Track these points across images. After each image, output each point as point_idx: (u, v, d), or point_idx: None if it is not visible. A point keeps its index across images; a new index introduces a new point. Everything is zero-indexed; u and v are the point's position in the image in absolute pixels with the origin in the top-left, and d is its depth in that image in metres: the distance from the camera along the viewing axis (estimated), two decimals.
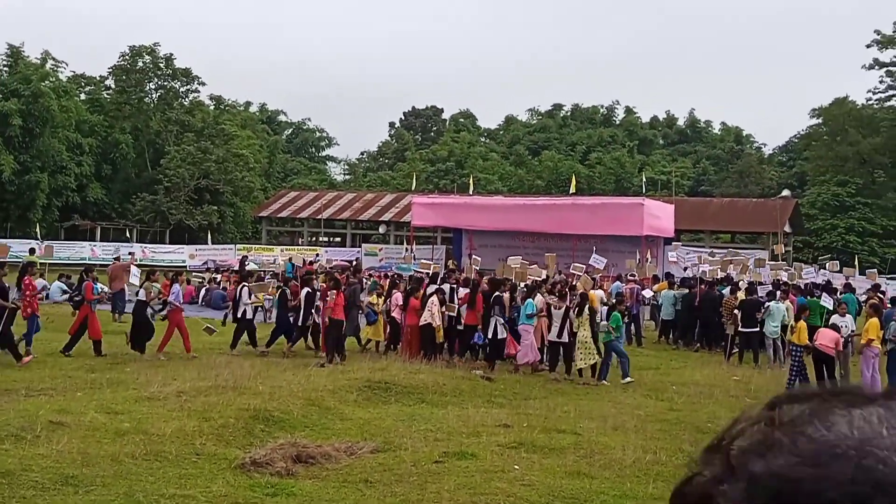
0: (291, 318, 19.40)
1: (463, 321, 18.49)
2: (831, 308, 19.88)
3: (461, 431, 11.22)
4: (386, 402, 13.07)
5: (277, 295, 20.75)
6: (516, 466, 9.77)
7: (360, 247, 49.26)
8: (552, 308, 17.63)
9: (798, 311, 18.88)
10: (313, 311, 19.04)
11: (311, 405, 12.03)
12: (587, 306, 17.50)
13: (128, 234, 54.49)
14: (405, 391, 13.70)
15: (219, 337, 20.03)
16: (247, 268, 35.32)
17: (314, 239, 55.25)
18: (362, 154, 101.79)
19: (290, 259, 32.93)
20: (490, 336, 17.92)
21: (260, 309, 22.20)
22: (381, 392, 13.46)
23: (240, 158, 61.62)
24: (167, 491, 8.14)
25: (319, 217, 52.98)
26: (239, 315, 19.56)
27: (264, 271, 31.83)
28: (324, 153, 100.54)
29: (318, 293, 19.19)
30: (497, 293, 18.31)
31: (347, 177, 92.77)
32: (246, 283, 20.49)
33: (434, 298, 18.30)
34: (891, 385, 16.20)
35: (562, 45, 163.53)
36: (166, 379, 13.45)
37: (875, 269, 34.52)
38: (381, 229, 53.65)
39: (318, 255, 36.53)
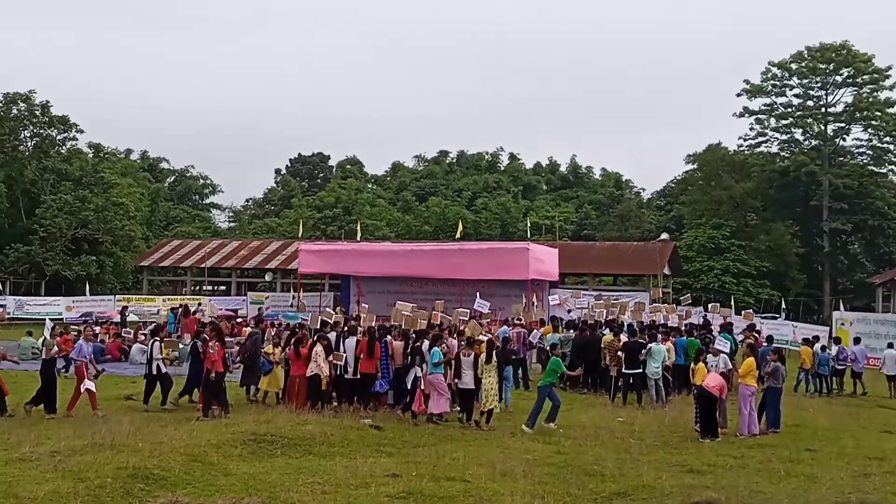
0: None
1: (359, 370, 18.31)
2: (728, 351, 20.36)
3: (349, 483, 11.04)
4: (272, 455, 12.77)
5: (190, 347, 20.17)
6: None
7: (245, 295, 48.41)
8: (461, 355, 17.66)
9: (697, 354, 19.35)
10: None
11: (194, 461, 11.65)
12: (494, 353, 17.71)
13: (0, 287, 52.29)
14: (292, 443, 13.42)
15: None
16: (127, 318, 34.33)
17: (198, 288, 54.07)
18: (247, 201, 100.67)
19: (172, 309, 32.10)
20: (410, 386, 17.85)
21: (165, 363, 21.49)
22: (266, 445, 13.15)
23: (120, 207, 60.04)
24: None
25: (203, 265, 51.96)
26: (154, 371, 19.00)
27: (144, 322, 30.96)
28: (208, 201, 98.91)
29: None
30: (416, 343, 18.27)
31: (232, 224, 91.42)
32: (157, 338, 19.96)
33: (319, 348, 18.06)
34: (767, 420, 16.74)
35: (445, 93, 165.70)
36: (39, 438, 12.85)
37: (751, 310, 35.79)
38: (268, 277, 52.93)
39: (199, 304, 35.65)
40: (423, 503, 10.27)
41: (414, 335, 19.23)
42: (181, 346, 24.97)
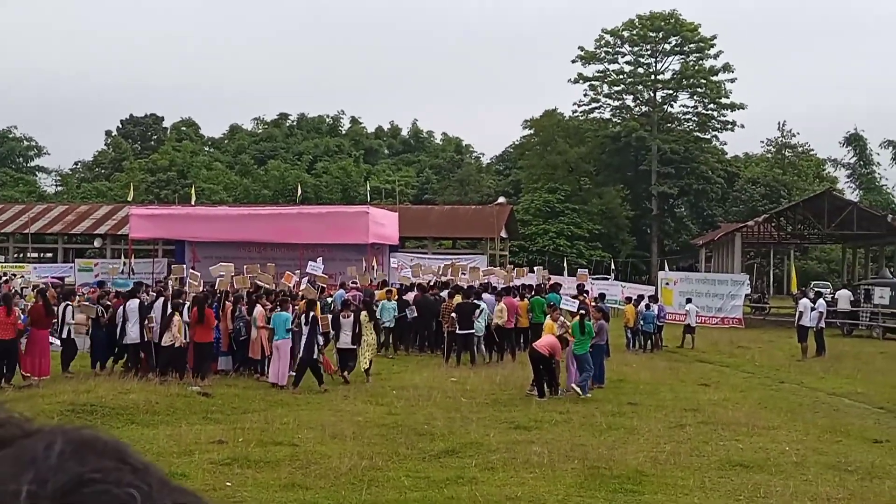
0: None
1: (193, 339, 17.76)
2: (575, 310, 20.78)
3: (171, 451, 10.75)
4: (91, 426, 12.28)
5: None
6: (228, 483, 9.50)
7: (73, 262, 46.31)
8: (341, 317, 18.20)
9: (550, 310, 19.40)
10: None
11: None
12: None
13: None
14: (113, 412, 12.98)
15: None
16: None
17: (21, 255, 51.35)
18: (76, 164, 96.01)
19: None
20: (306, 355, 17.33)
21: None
22: (85, 415, 12.66)
23: None
24: None
25: (27, 231, 49.34)
26: (64, 335, 18.40)
27: None
28: (33, 163, 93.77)
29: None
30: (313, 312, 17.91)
31: (59, 188, 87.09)
32: (70, 302, 18.97)
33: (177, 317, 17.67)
34: (578, 372, 17.19)
35: (286, 55, 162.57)
36: None
37: (585, 271, 36.90)
38: (97, 243, 50.78)
39: (6, 273, 33.87)
40: (248, 469, 10.12)
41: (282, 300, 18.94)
42: None
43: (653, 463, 11.00)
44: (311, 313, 17.66)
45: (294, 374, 17.40)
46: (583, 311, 18.40)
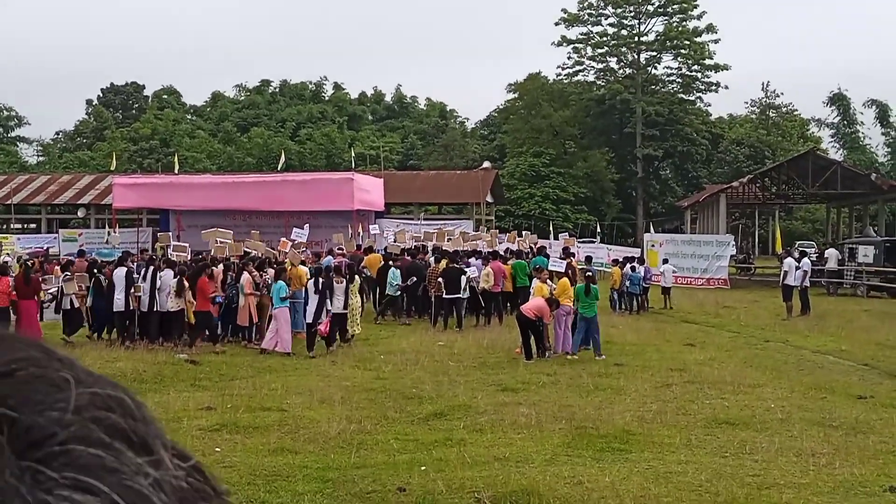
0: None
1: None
2: (563, 270, 20.85)
3: (160, 419, 10.70)
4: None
5: (93, 283, 19.05)
6: (217, 449, 9.53)
7: (57, 232, 46.06)
8: (334, 283, 18.19)
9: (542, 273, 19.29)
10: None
11: None
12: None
13: None
14: None
15: None
16: None
17: (4, 226, 51.01)
18: (57, 134, 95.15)
19: None
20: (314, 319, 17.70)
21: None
22: None
23: None
24: None
25: (9, 203, 48.96)
26: (66, 306, 18.59)
27: None
28: (13, 134, 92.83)
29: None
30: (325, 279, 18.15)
31: (41, 158, 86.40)
32: (68, 272, 19.37)
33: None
34: (573, 340, 17.32)
35: (267, 20, 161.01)
36: None
37: (566, 234, 37.00)
38: (80, 213, 50.45)
39: None
40: (237, 434, 10.15)
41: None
42: None
43: (639, 422, 11.09)
44: (321, 280, 17.99)
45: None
46: (589, 274, 18.61)
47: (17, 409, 0.47)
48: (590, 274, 18.65)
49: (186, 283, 17.51)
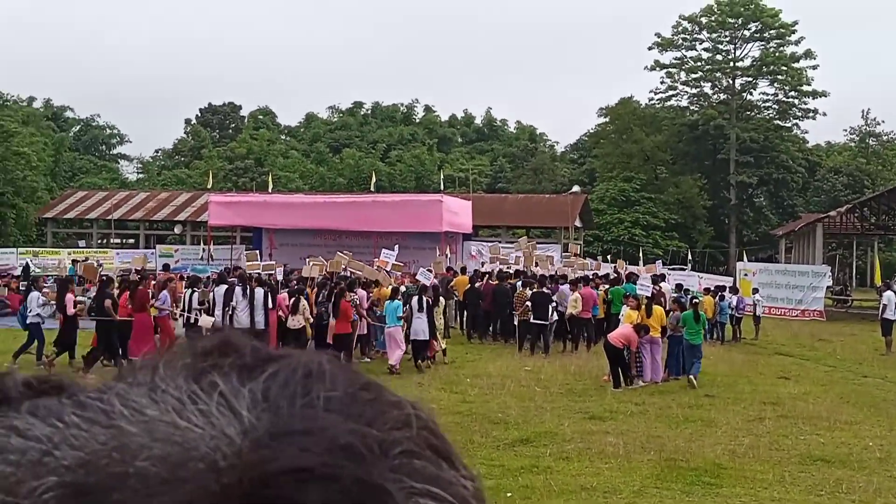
0: None
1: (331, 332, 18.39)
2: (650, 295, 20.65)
3: None
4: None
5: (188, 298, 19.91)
6: None
7: (154, 248, 47.42)
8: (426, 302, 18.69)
9: (630, 300, 19.04)
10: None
11: None
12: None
13: None
14: None
15: None
16: (31, 272, 33.10)
17: (104, 241, 52.75)
18: (157, 152, 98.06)
19: (74, 261, 31.30)
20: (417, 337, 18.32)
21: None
22: None
23: (21, 157, 57.90)
24: None
25: (110, 218, 50.65)
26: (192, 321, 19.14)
27: (47, 275, 30.07)
28: (115, 151, 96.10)
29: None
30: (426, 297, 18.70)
31: (141, 175, 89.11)
32: (195, 288, 20.09)
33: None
34: (668, 368, 17.11)
35: (361, 43, 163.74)
36: None
37: (658, 262, 36.47)
38: (177, 229, 51.87)
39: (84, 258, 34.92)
40: None
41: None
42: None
43: (731, 456, 10.85)
44: (424, 298, 18.44)
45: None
46: (696, 301, 18.55)
47: (370, 424, 0.50)
48: (683, 301, 18.38)
49: (304, 302, 18.12)
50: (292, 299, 18.89)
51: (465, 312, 25.28)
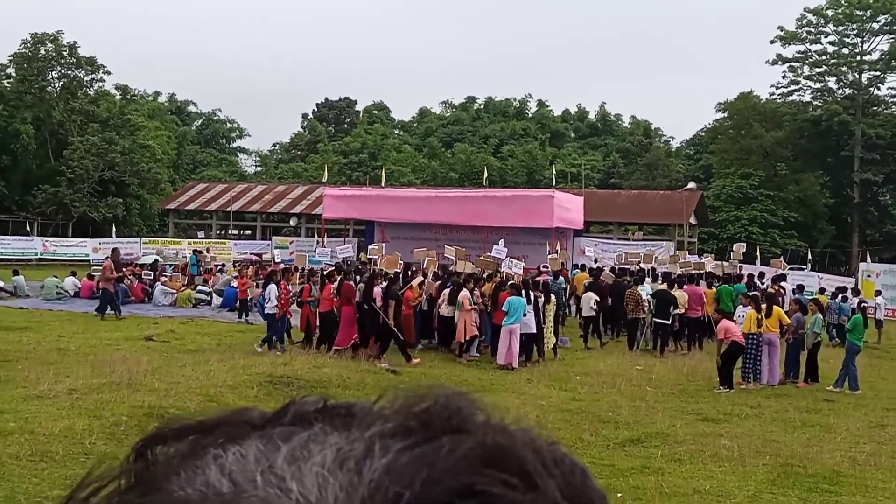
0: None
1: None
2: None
3: None
4: (287, 397, 12.67)
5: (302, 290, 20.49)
6: None
7: (270, 239, 48.60)
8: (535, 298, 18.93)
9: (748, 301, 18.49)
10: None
11: (210, 401, 11.76)
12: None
13: (28, 227, 52.77)
14: (308, 385, 13.50)
15: (116, 332, 19.56)
16: (158, 263, 34.25)
17: (223, 232, 54.33)
18: (274, 146, 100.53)
19: (195, 251, 32.38)
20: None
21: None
22: (282, 387, 13.23)
23: (146, 149, 60.15)
24: (51, 493, 7.85)
25: (228, 209, 52.14)
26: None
27: (168, 265, 31.22)
28: (234, 145, 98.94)
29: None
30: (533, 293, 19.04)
31: (259, 168, 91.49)
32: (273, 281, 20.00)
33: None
34: (785, 372, 16.64)
35: (474, 38, 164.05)
36: (58, 376, 12.99)
37: (780, 259, 35.40)
38: (292, 221, 53.00)
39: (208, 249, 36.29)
40: None
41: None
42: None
43: (851, 463, 10.48)
44: (532, 293, 18.67)
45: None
46: (864, 305, 18.43)
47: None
48: (804, 301, 17.89)
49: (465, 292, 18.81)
50: (446, 290, 19.40)
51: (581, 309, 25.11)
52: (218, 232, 53.83)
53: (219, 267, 32.75)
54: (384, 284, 18.48)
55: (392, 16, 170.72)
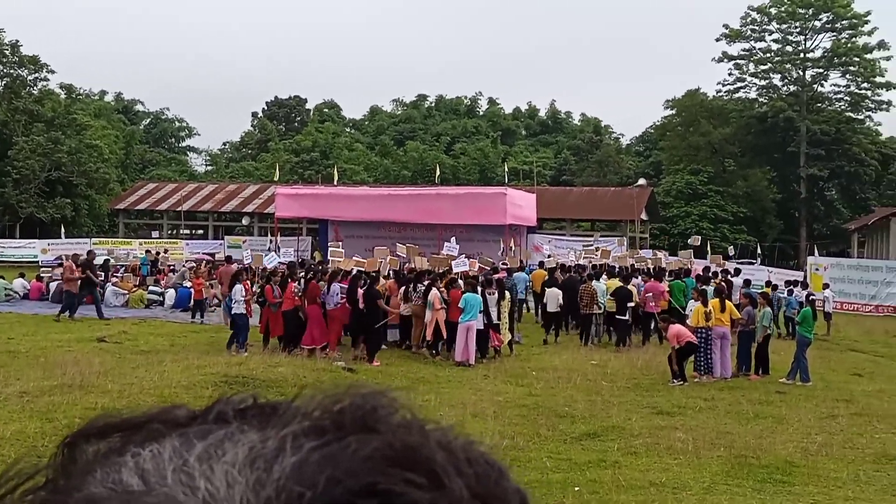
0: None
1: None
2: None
3: None
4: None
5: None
6: None
7: (222, 239, 48.17)
8: (486, 294, 18.79)
9: (698, 295, 18.49)
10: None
11: (164, 402, 11.55)
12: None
13: None
14: (263, 385, 13.41)
15: (67, 334, 19.25)
16: (110, 263, 33.69)
17: (174, 232, 53.72)
18: (224, 145, 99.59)
19: (147, 252, 31.92)
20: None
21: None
22: (238, 387, 13.10)
23: (94, 149, 59.17)
24: None
25: (179, 209, 51.58)
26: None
27: (119, 266, 30.78)
28: (184, 144, 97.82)
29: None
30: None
31: (209, 167, 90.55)
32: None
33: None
34: (738, 365, 16.86)
35: (425, 38, 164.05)
36: (8, 379, 12.76)
37: (720, 254, 35.72)
38: (245, 221, 52.59)
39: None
40: None
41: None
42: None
43: (803, 454, 10.66)
44: (485, 291, 18.76)
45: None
46: (813, 298, 18.71)
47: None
48: (753, 295, 18.14)
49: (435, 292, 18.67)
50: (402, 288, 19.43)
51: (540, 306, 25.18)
52: (169, 232, 53.20)
53: (171, 267, 32.40)
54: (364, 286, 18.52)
55: (341, 14, 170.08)
